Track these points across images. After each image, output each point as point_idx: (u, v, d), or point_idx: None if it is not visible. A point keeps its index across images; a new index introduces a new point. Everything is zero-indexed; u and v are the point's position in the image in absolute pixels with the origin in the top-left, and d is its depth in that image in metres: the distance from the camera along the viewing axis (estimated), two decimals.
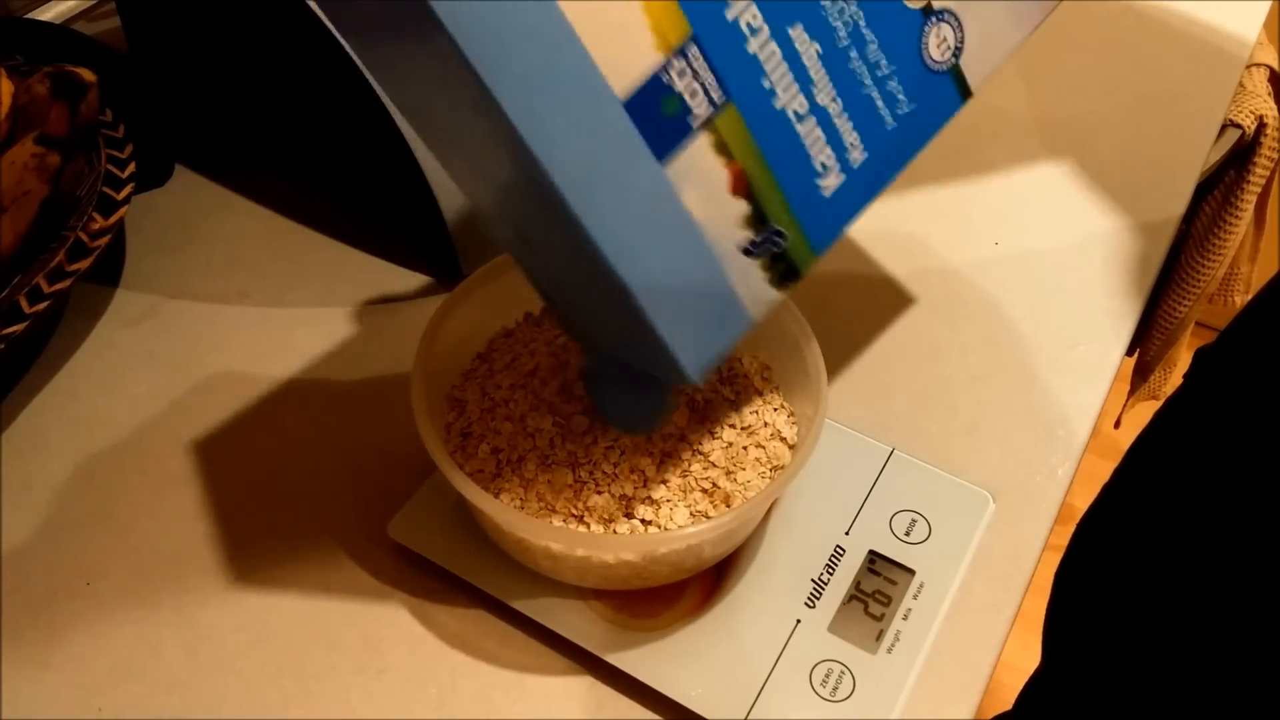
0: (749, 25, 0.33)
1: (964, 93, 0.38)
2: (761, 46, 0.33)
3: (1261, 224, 0.89)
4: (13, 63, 0.57)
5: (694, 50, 0.32)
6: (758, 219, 0.35)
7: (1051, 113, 0.69)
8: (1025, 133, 0.67)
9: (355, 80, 0.49)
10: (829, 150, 0.35)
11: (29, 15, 0.69)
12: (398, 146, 0.51)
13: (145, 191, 0.61)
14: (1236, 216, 0.81)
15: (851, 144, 0.36)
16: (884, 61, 0.35)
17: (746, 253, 0.35)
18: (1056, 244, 0.60)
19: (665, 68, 0.32)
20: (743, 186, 0.34)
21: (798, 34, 0.34)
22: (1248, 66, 0.75)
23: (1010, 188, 0.64)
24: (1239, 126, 0.75)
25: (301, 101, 0.58)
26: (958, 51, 0.37)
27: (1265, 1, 0.78)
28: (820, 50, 0.34)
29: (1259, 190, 0.81)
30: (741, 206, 0.34)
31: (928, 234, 0.60)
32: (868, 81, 0.35)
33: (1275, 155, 0.79)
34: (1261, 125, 0.76)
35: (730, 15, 0.32)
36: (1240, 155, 0.78)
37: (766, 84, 0.33)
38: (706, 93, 0.32)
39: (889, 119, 0.36)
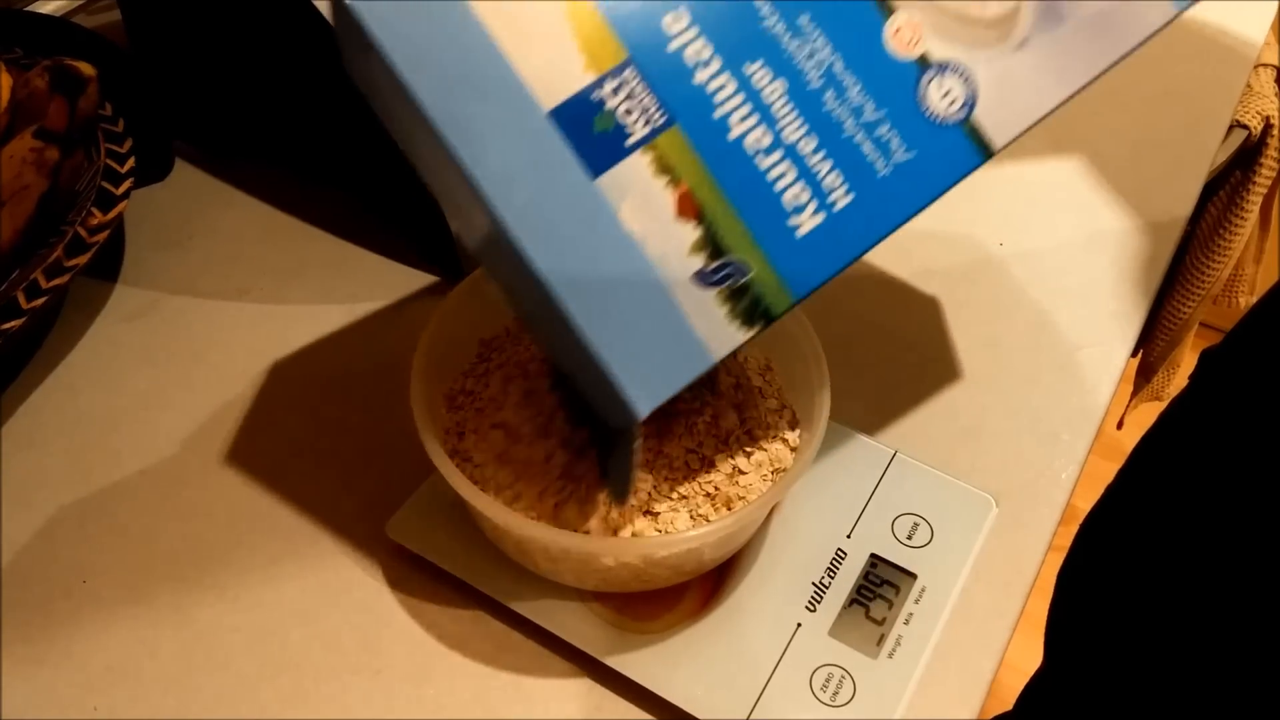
0: (697, 59, 0.32)
1: (983, 149, 0.36)
2: (710, 79, 0.33)
3: (1267, 225, 0.88)
4: (12, 56, 0.56)
5: (629, 72, 0.32)
6: (711, 245, 0.33)
7: (1057, 112, 0.69)
8: (1031, 133, 0.67)
9: None
10: (804, 188, 0.34)
11: (28, 8, 0.68)
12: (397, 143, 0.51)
13: (145, 186, 0.61)
14: (1242, 218, 0.81)
15: (832, 185, 0.34)
16: (870, 106, 0.34)
17: (700, 279, 0.33)
18: (1061, 244, 0.60)
19: (596, 85, 0.32)
20: (691, 209, 0.33)
21: (756, 70, 0.33)
22: (1255, 67, 0.74)
23: (1015, 188, 0.63)
24: (1245, 127, 0.74)
25: (302, 98, 0.58)
26: (969, 105, 0.36)
27: (1272, 2, 0.77)
28: (787, 87, 0.33)
29: (1265, 191, 0.80)
30: (691, 231, 0.33)
31: (931, 234, 0.60)
32: (849, 124, 0.34)
33: None
34: (1268, 126, 0.76)
35: (671, 48, 0.32)
36: (1246, 156, 0.78)
37: (717, 115, 0.33)
38: (645, 113, 0.32)
39: (881, 165, 0.35)
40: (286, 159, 0.62)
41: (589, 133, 0.32)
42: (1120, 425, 1.03)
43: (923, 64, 0.35)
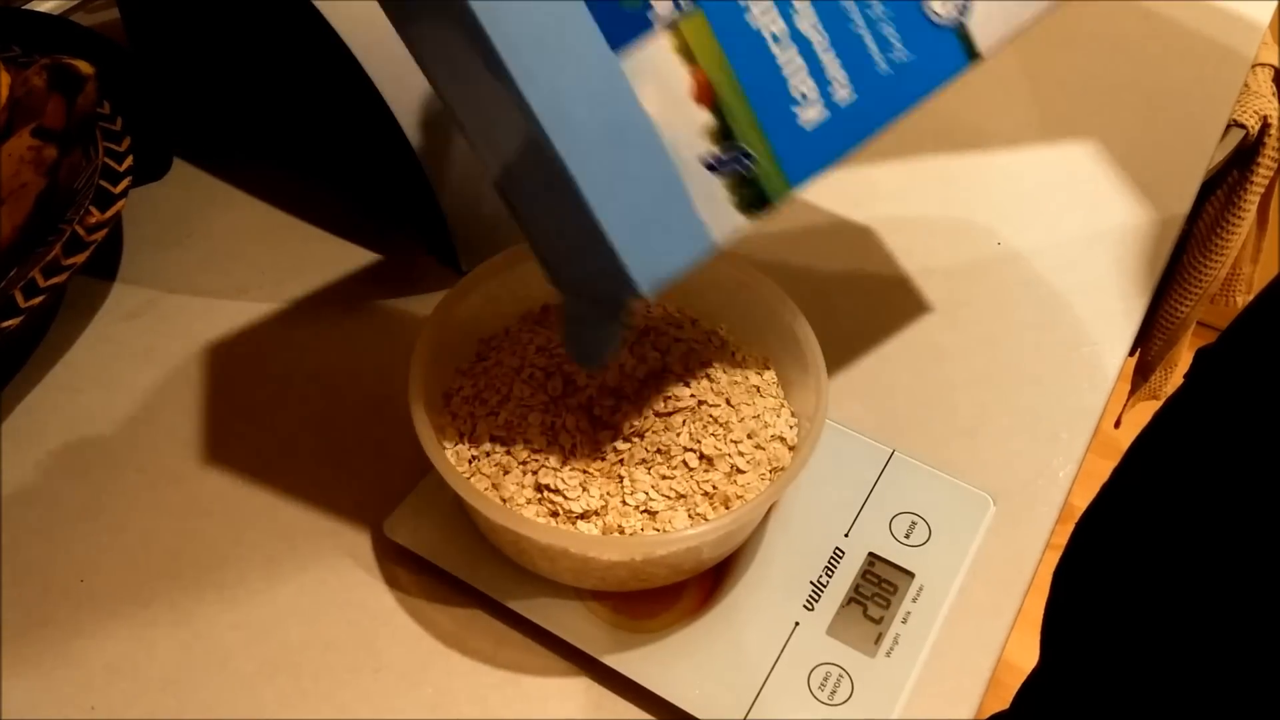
0: None
1: (970, 53, 0.37)
2: None
3: (1264, 225, 0.88)
4: (10, 54, 0.56)
5: None
6: (723, 133, 0.34)
7: (1055, 112, 0.69)
8: (1029, 132, 0.67)
9: (355, 73, 0.49)
10: (810, 81, 0.35)
11: (26, 6, 0.68)
12: (398, 141, 0.51)
13: (143, 185, 0.60)
14: (1239, 217, 0.81)
15: (836, 79, 0.35)
16: (877, 5, 0.35)
17: (710, 168, 0.34)
18: (1059, 244, 0.60)
19: None
20: (707, 96, 0.33)
21: None
22: (1253, 66, 0.74)
23: (1014, 187, 0.64)
24: (1243, 127, 0.74)
25: (301, 95, 0.58)
26: (963, 9, 0.37)
27: (1271, 1, 0.77)
28: None
29: (1262, 191, 0.80)
30: (705, 116, 0.34)
31: (930, 233, 0.60)
32: (858, 20, 0.35)
33: (1279, 156, 0.78)
34: (1265, 126, 0.76)
35: None
36: (1244, 155, 0.78)
37: (741, 1, 0.33)
38: None
39: (881, 63, 0.36)
40: (285, 157, 0.62)
41: (616, 7, 0.32)
42: (1118, 424, 1.03)
43: None
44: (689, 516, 0.41)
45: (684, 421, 0.43)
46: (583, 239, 0.34)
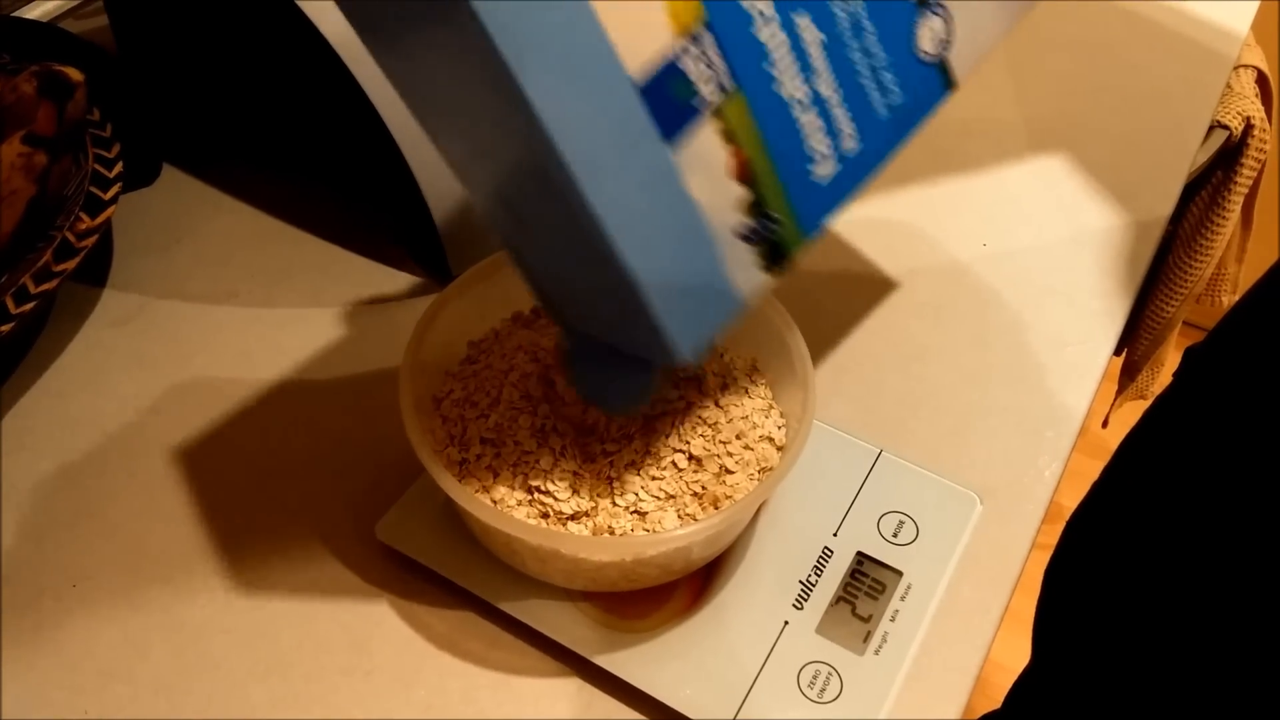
0: (760, 13, 0.33)
1: (948, 84, 0.39)
2: (770, 35, 0.33)
3: (1248, 224, 0.89)
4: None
5: (707, 36, 0.32)
6: (755, 205, 0.35)
7: (1039, 113, 0.69)
8: (1013, 133, 0.68)
9: (343, 78, 0.49)
10: (825, 139, 0.36)
11: (15, 13, 0.68)
12: (386, 146, 0.51)
13: (132, 191, 0.61)
14: (1223, 217, 0.81)
15: (846, 133, 0.36)
16: (880, 52, 0.36)
17: (744, 238, 0.35)
18: (1044, 244, 0.60)
19: (681, 52, 0.32)
20: (745, 173, 0.34)
21: (804, 23, 0.34)
22: (1235, 68, 0.75)
23: (998, 188, 0.64)
24: (1226, 128, 0.75)
25: (289, 101, 0.58)
26: (945, 44, 0.38)
27: (1253, 2, 0.78)
28: (824, 39, 0.34)
29: (1246, 191, 0.81)
30: (741, 192, 0.34)
31: (916, 235, 0.60)
32: (864, 72, 0.36)
33: (1262, 156, 0.79)
34: (1248, 126, 0.76)
35: (744, 3, 0.33)
36: (1227, 156, 0.78)
37: (773, 71, 0.34)
38: (717, 79, 0.33)
39: (882, 109, 0.37)
40: (274, 162, 0.62)
41: (670, 100, 0.32)
42: (1105, 424, 1.04)
43: (920, 5, 0.36)
44: (678, 517, 0.41)
45: (673, 423, 0.43)
46: (618, 308, 0.35)
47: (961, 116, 0.68)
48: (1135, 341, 0.91)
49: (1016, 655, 0.63)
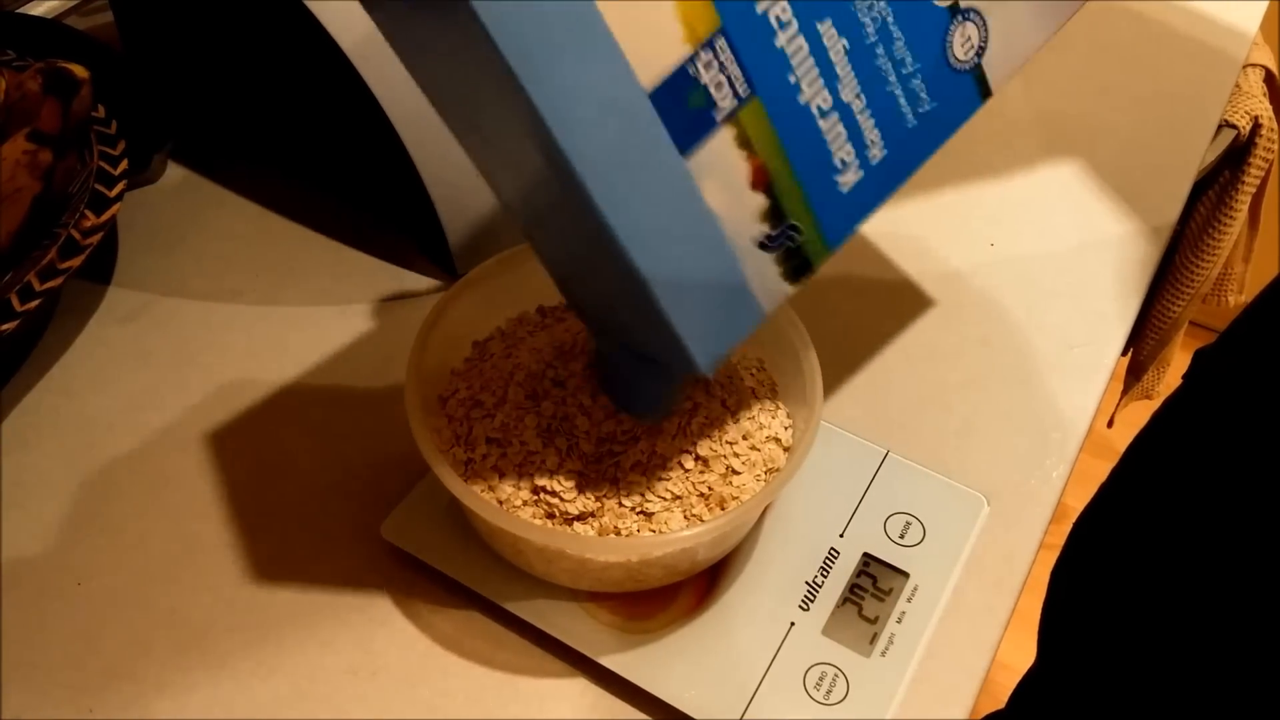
0: (778, 19, 0.33)
1: (984, 92, 0.38)
2: (789, 41, 0.33)
3: (1256, 224, 0.89)
4: (4, 58, 0.56)
5: (722, 43, 0.32)
6: (775, 213, 0.34)
7: (1048, 113, 0.69)
8: (1021, 134, 0.67)
9: (350, 77, 0.49)
10: (849, 147, 0.35)
11: (21, 10, 0.68)
12: (393, 145, 0.51)
13: (138, 189, 0.60)
14: (1231, 217, 0.81)
15: (872, 141, 0.36)
16: (909, 59, 0.35)
17: (763, 247, 0.35)
18: (1052, 245, 0.60)
19: (692, 60, 0.32)
20: (763, 181, 0.34)
21: (826, 29, 0.33)
22: (1244, 67, 0.75)
23: (1006, 189, 0.64)
24: (1234, 127, 0.75)
25: (295, 98, 0.58)
26: (981, 51, 0.37)
27: (1262, 2, 0.78)
28: (848, 46, 0.34)
29: (1253, 190, 0.81)
30: (760, 201, 0.34)
31: (924, 236, 0.60)
32: (892, 79, 0.35)
33: (1270, 156, 0.79)
34: (1256, 126, 0.76)
35: (760, 9, 0.32)
36: (1235, 155, 0.78)
37: (792, 79, 0.33)
38: (732, 86, 0.32)
39: (910, 117, 0.36)
40: (280, 160, 0.62)
41: (683, 109, 0.32)
42: (1111, 424, 1.03)
43: (953, 11, 0.36)
44: (685, 517, 0.41)
45: (679, 423, 0.43)
46: (638, 316, 0.35)
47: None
48: (1141, 341, 0.91)
49: (1020, 655, 0.63)
